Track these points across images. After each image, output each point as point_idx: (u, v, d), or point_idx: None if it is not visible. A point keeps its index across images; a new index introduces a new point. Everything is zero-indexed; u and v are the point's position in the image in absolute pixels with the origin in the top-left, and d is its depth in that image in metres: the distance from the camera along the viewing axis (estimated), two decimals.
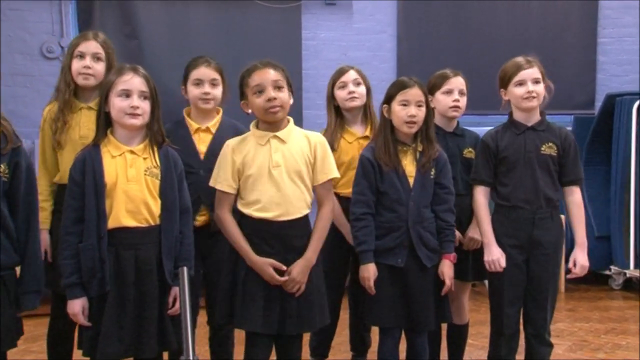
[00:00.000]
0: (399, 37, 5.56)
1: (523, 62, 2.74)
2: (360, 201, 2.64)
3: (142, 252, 2.26)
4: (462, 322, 3.07)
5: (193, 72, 2.83)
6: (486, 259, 2.72)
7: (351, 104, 3.01)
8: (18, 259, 2.20)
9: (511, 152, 2.74)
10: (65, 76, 2.72)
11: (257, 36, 5.10)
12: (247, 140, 2.46)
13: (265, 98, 2.38)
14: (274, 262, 2.38)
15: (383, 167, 2.63)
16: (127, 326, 2.23)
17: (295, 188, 2.43)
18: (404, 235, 2.62)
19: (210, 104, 2.81)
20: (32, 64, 4.73)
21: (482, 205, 2.77)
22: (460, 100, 2.93)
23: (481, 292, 4.67)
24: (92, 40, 2.73)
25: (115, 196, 2.25)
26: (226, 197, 2.44)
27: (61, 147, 2.68)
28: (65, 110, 2.69)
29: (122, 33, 4.84)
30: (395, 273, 2.62)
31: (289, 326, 2.39)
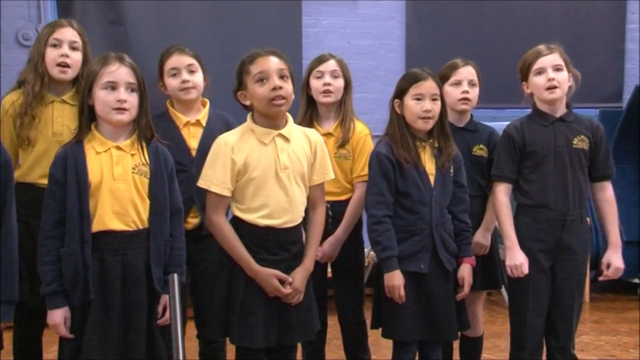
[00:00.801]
0: (408, 23, 5.55)
1: (543, 48, 2.74)
2: (380, 202, 2.60)
3: (129, 258, 2.26)
4: (476, 335, 3.08)
5: (167, 62, 2.83)
6: (508, 263, 2.71)
7: (324, 99, 2.98)
8: None
9: (540, 145, 2.72)
10: (37, 66, 2.68)
11: (253, 22, 5.09)
12: (247, 137, 2.42)
13: (270, 87, 2.35)
14: (279, 274, 2.37)
15: (403, 164, 2.61)
16: (111, 338, 2.23)
17: (299, 191, 2.44)
18: (427, 238, 2.61)
19: (192, 93, 2.81)
20: (7, 52, 4.73)
21: (505, 204, 2.76)
22: (469, 92, 2.92)
23: (497, 302, 4.68)
24: (68, 27, 2.72)
25: (100, 196, 2.24)
26: (222, 201, 2.41)
27: (31, 144, 2.66)
28: (34, 103, 2.65)
29: (107, 19, 4.84)
30: (417, 280, 2.60)
31: (288, 336, 2.41)
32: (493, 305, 4.69)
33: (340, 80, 2.99)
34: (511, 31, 5.52)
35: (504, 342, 2.91)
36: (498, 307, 4.55)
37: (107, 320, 2.23)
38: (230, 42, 4.77)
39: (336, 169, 2.88)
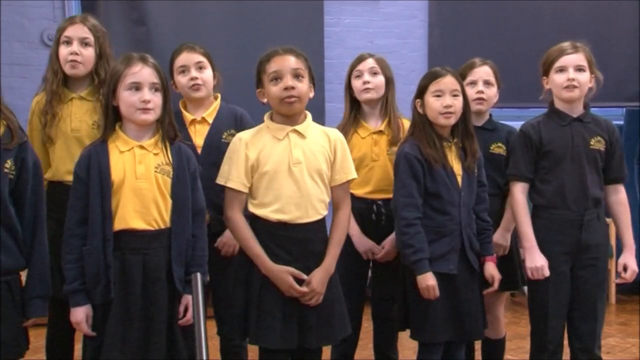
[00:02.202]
0: (430, 22, 5.52)
1: (567, 46, 2.71)
2: (410, 204, 2.59)
3: (150, 257, 2.27)
4: (498, 336, 3.06)
5: (176, 60, 2.84)
6: (528, 265, 2.69)
7: (364, 95, 2.98)
8: (24, 262, 2.22)
9: (557, 145, 2.70)
10: (53, 64, 2.72)
11: (274, 22, 5.09)
12: (262, 134, 2.44)
13: (282, 86, 2.37)
14: (293, 271, 2.36)
15: (433, 164, 2.59)
16: (132, 337, 2.24)
17: (315, 187, 2.42)
18: (457, 239, 2.60)
19: (201, 90, 2.82)
20: (31, 52, 4.77)
21: (522, 204, 2.73)
22: (484, 92, 2.91)
23: (521, 303, 4.64)
24: (79, 24, 2.73)
25: (123, 195, 2.26)
26: (238, 196, 2.42)
27: (52, 142, 2.69)
28: (54, 101, 2.68)
29: (129, 19, 4.88)
30: (446, 281, 2.59)
31: (309, 339, 2.39)
32: (517, 306, 4.66)
33: (379, 77, 2.99)
34: (535, 30, 5.46)
35: (527, 344, 2.88)
36: (521, 309, 4.51)
37: (128, 319, 2.24)
38: (251, 42, 4.77)
39: (389, 166, 2.87)
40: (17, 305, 2.20)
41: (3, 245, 2.16)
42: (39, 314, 2.25)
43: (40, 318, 2.32)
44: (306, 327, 2.39)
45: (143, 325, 2.25)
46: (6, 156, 2.16)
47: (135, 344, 2.25)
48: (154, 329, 2.26)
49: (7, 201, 2.17)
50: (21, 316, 2.22)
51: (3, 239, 2.16)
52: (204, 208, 2.43)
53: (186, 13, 4.99)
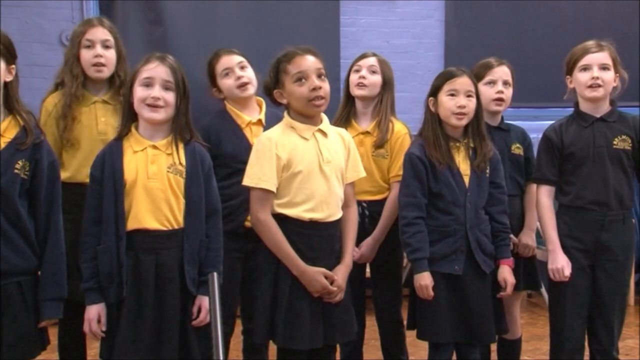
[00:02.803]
0: (447, 22, 5.50)
1: (592, 45, 2.69)
2: (412, 204, 2.60)
3: (163, 257, 2.27)
4: (514, 337, 3.03)
5: (218, 64, 2.86)
6: (550, 266, 2.68)
7: (357, 91, 2.98)
8: (37, 263, 2.23)
9: (578, 147, 2.69)
10: (73, 68, 2.71)
11: (290, 22, 5.09)
12: (288, 134, 2.42)
13: (310, 87, 2.35)
14: (326, 272, 2.36)
15: (436, 165, 2.59)
16: (144, 336, 2.24)
17: (338, 186, 2.44)
18: (461, 240, 2.59)
19: (249, 89, 2.84)
20: (50, 53, 4.80)
21: (547, 207, 2.73)
22: (504, 92, 2.89)
23: (538, 304, 4.61)
24: (98, 27, 2.74)
25: (135, 194, 2.26)
26: (269, 197, 2.37)
27: (73, 145, 2.68)
28: (73, 104, 2.68)
29: (146, 19, 4.90)
30: (451, 282, 2.58)
31: (332, 336, 2.41)
32: (534, 307, 4.62)
33: (377, 76, 2.98)
34: (553, 29, 5.42)
35: (545, 345, 2.86)
36: (539, 309, 4.48)
37: (140, 318, 2.25)
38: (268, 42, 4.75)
39: (373, 168, 2.89)
40: (29, 307, 2.20)
41: (14, 246, 2.17)
42: (52, 316, 2.24)
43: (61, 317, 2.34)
44: (330, 325, 2.40)
45: (155, 325, 2.26)
46: (18, 156, 2.17)
47: (147, 343, 2.25)
48: (167, 329, 2.27)
49: (16, 201, 2.17)
50: (33, 317, 2.21)
51: (13, 240, 2.16)
52: (219, 209, 2.43)
53: (203, 14, 5.01)
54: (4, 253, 2.14)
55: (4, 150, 2.15)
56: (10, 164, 2.15)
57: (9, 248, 2.15)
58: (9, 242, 2.15)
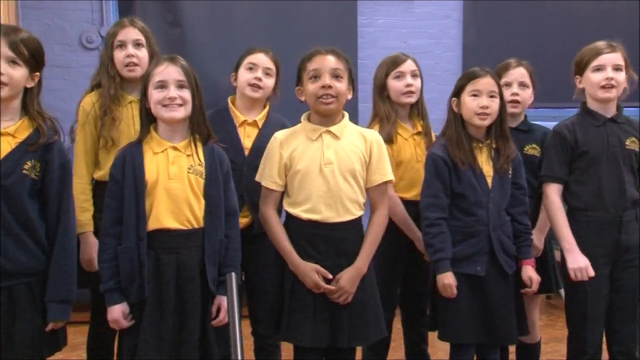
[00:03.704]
0: (465, 22, 5.47)
1: (604, 45, 2.67)
2: (433, 205, 2.59)
3: (183, 257, 2.29)
4: (533, 341, 3.01)
5: (248, 57, 2.86)
6: (571, 267, 2.63)
7: (407, 99, 2.94)
8: (47, 264, 2.21)
9: (593, 146, 2.66)
10: (108, 70, 2.74)
11: (308, 23, 5.09)
12: (297, 134, 2.47)
13: (320, 85, 2.38)
14: (319, 268, 2.37)
15: (459, 165, 2.58)
16: (166, 336, 2.25)
17: (348, 187, 2.42)
18: (484, 241, 2.58)
19: (259, 92, 2.83)
20: (72, 54, 4.85)
21: (558, 205, 2.69)
22: (519, 94, 2.88)
23: (556, 306, 4.57)
24: (130, 27, 2.77)
25: (156, 195, 2.28)
26: (271, 194, 2.46)
27: (115, 144, 2.70)
28: (112, 105, 2.71)
29: (165, 21, 4.92)
30: (474, 283, 2.57)
31: (340, 339, 2.39)
32: (553, 309, 4.59)
33: (419, 80, 2.97)
34: (572, 29, 5.37)
35: (564, 347, 2.83)
36: (557, 311, 4.44)
37: (162, 318, 2.26)
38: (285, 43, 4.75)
39: None
40: (39, 307, 2.19)
41: (23, 247, 2.16)
42: (58, 318, 2.21)
43: (79, 316, 2.34)
44: (338, 327, 2.40)
45: (176, 325, 2.27)
46: (28, 157, 2.17)
47: (169, 342, 2.26)
48: (187, 328, 2.28)
49: (25, 202, 2.16)
50: (43, 318, 2.20)
51: (23, 240, 2.16)
52: (237, 209, 2.44)
53: (221, 14, 5.02)
54: (13, 253, 2.14)
55: (13, 151, 2.16)
56: (18, 164, 2.15)
57: (18, 248, 2.15)
58: (19, 242, 2.15)
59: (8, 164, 2.14)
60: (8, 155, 2.15)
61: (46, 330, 2.21)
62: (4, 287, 2.13)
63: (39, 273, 2.21)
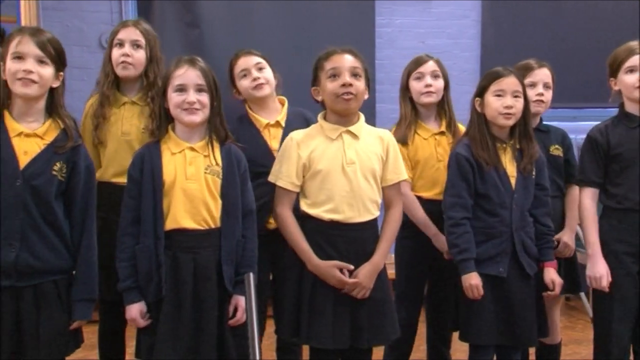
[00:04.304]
0: (483, 22, 5.44)
1: (637, 46, 2.63)
2: (458, 204, 2.58)
3: (200, 256, 2.30)
4: (554, 342, 2.99)
5: (235, 66, 2.87)
6: (589, 274, 2.63)
7: (426, 99, 2.95)
8: (72, 263, 2.26)
9: (625, 148, 2.63)
10: (105, 67, 2.76)
11: (326, 23, 5.08)
12: (315, 134, 2.46)
13: (340, 83, 2.37)
14: (339, 263, 2.37)
15: (483, 166, 2.57)
16: (183, 335, 2.26)
17: (368, 187, 2.42)
18: (507, 241, 2.56)
19: (264, 89, 2.84)
20: (90, 55, 4.87)
21: (590, 210, 2.67)
22: (544, 95, 2.87)
23: (577, 307, 4.54)
24: (131, 27, 2.77)
25: (174, 195, 2.29)
26: (287, 195, 2.44)
27: (102, 144, 2.72)
28: (105, 104, 2.72)
29: (183, 22, 4.94)
30: (496, 284, 2.56)
31: (361, 340, 2.39)
32: (572, 310, 4.54)
33: (440, 80, 2.97)
34: (592, 28, 5.32)
35: (583, 349, 2.81)
36: (577, 313, 4.40)
37: (179, 317, 2.27)
38: (303, 43, 4.78)
39: None
40: (64, 306, 2.24)
41: (50, 245, 2.21)
42: (83, 316, 2.27)
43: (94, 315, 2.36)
44: (358, 327, 2.39)
45: (194, 324, 2.28)
46: (57, 158, 2.21)
47: (186, 341, 2.27)
48: (204, 328, 2.28)
49: (53, 202, 2.21)
50: (68, 316, 2.25)
51: (50, 239, 2.21)
52: (254, 209, 2.44)
53: (239, 15, 5.03)
54: (41, 252, 2.19)
55: (42, 152, 2.20)
56: (48, 165, 2.20)
57: (46, 247, 2.20)
58: (46, 241, 2.20)
59: (38, 165, 2.18)
60: (38, 156, 2.19)
61: (71, 328, 2.26)
62: (30, 285, 2.18)
63: (64, 272, 2.25)
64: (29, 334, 2.17)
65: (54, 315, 2.21)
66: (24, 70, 2.15)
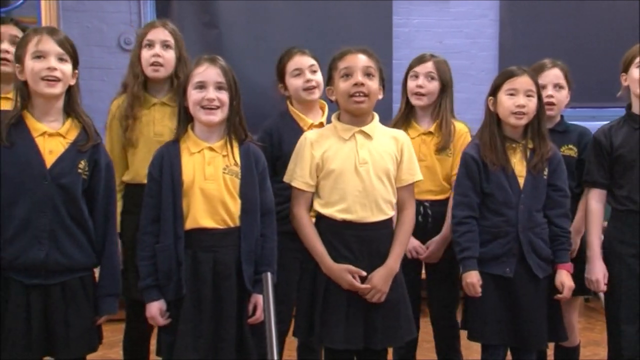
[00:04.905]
0: (501, 21, 5.43)
1: None
2: (462, 203, 2.59)
3: (220, 255, 2.31)
4: (572, 345, 2.96)
5: (289, 63, 2.87)
6: (586, 275, 2.66)
7: (415, 101, 2.94)
8: (96, 260, 2.30)
9: (627, 149, 2.63)
10: (134, 68, 2.76)
11: (343, 24, 5.10)
12: (328, 134, 2.46)
13: (352, 82, 2.37)
14: (351, 268, 2.36)
15: (489, 166, 2.57)
16: (204, 333, 2.27)
17: (382, 188, 2.42)
18: (513, 241, 2.55)
19: (315, 92, 2.85)
20: (110, 56, 4.93)
21: (594, 211, 2.68)
22: (554, 96, 2.83)
23: (595, 308, 4.50)
24: (160, 28, 2.78)
25: (193, 195, 2.30)
26: (302, 195, 2.44)
27: (133, 145, 2.73)
28: (135, 105, 2.72)
29: (201, 22, 4.97)
30: (502, 284, 2.55)
31: (374, 340, 2.38)
32: (591, 312, 4.51)
33: (434, 82, 2.94)
34: (610, 28, 5.29)
35: (602, 350, 2.79)
36: (596, 314, 4.37)
37: (199, 315, 2.28)
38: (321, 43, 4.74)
39: (437, 167, 2.88)
40: (90, 302, 2.28)
41: (77, 243, 2.24)
42: (109, 311, 2.31)
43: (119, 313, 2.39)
44: (371, 328, 2.39)
45: (213, 322, 2.29)
46: (81, 157, 2.25)
47: (206, 340, 2.28)
48: (224, 326, 2.29)
49: (80, 200, 2.25)
50: (93, 313, 2.29)
51: (77, 237, 2.24)
52: (273, 208, 2.45)
53: (257, 16, 5.05)
54: (69, 250, 2.22)
55: (67, 151, 2.24)
56: (74, 164, 2.23)
57: (73, 245, 2.23)
58: (74, 239, 2.24)
59: (64, 164, 2.22)
60: (63, 155, 2.23)
61: (96, 324, 2.30)
62: (58, 282, 2.22)
63: (89, 268, 2.30)
64: (58, 330, 2.21)
65: (81, 311, 2.25)
66: (47, 69, 2.18)
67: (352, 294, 2.37)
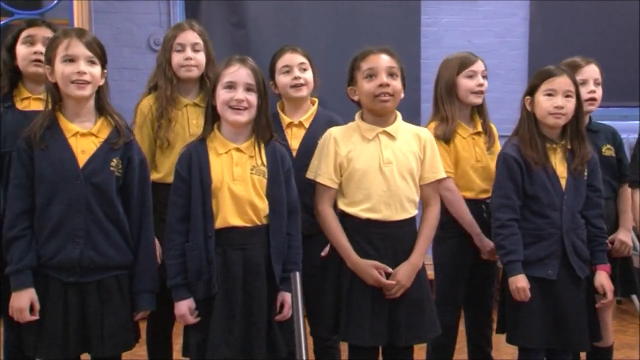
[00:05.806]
0: (531, 20, 5.36)
1: None
2: (505, 206, 2.55)
3: (250, 253, 2.32)
4: (606, 345, 2.92)
5: (279, 61, 2.88)
6: None
7: (476, 99, 2.92)
8: (132, 258, 2.33)
9: None
10: (166, 71, 2.79)
11: (371, 23, 5.08)
12: (352, 132, 2.47)
13: (377, 83, 2.38)
14: (378, 264, 2.38)
15: (532, 166, 2.53)
16: (235, 331, 2.29)
17: (406, 186, 2.42)
18: (556, 244, 2.53)
19: (302, 90, 2.84)
20: (139, 56, 4.97)
21: None
22: (596, 92, 2.81)
23: (628, 311, 4.43)
24: (189, 30, 2.81)
25: (221, 196, 2.31)
26: (327, 191, 2.46)
27: (170, 146, 2.76)
28: (169, 107, 2.76)
29: (230, 22, 4.99)
30: (545, 286, 2.53)
31: (398, 337, 2.39)
32: (624, 314, 4.44)
33: (486, 81, 2.95)
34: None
35: (636, 354, 2.74)
36: (629, 317, 4.30)
37: (231, 313, 2.29)
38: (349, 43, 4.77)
39: (491, 167, 2.83)
40: (126, 300, 2.31)
41: (112, 241, 2.28)
42: (148, 307, 2.35)
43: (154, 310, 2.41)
44: (395, 325, 2.39)
45: (244, 320, 2.30)
46: (113, 155, 2.28)
47: (238, 337, 2.29)
48: (255, 324, 2.31)
49: (115, 199, 2.28)
50: (130, 310, 2.32)
51: (112, 235, 2.28)
52: (298, 207, 2.46)
53: (285, 16, 5.05)
54: (104, 248, 2.26)
55: (99, 150, 2.27)
56: (106, 162, 2.27)
57: (108, 244, 2.27)
58: (109, 238, 2.27)
59: (96, 162, 2.26)
60: (95, 153, 2.27)
61: (135, 320, 2.34)
62: (94, 280, 2.25)
63: (125, 267, 2.32)
64: (94, 328, 2.25)
65: (117, 309, 2.28)
66: (77, 73, 2.22)
67: (377, 290, 2.38)
